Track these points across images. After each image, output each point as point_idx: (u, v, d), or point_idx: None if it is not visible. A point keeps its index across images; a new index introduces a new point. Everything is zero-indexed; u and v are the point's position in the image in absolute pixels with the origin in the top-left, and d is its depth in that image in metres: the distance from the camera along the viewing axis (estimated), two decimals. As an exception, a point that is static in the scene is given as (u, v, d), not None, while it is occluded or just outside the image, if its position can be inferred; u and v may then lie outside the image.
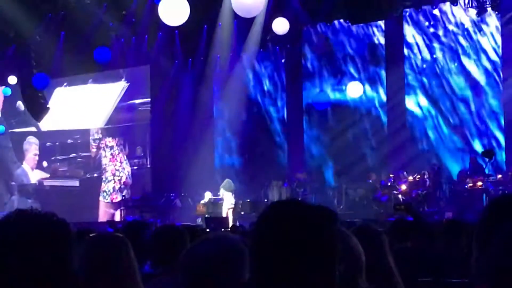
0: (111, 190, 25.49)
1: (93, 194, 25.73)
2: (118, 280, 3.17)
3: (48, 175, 27.47)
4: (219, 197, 21.16)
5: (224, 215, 20.13)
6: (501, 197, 2.42)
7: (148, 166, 25.30)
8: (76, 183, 26.70)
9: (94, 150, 26.40)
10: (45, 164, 27.65)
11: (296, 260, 2.06)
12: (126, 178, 25.38)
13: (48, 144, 27.53)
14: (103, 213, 25.22)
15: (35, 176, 27.79)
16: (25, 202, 25.53)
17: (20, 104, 27.08)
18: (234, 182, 21.71)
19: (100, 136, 26.26)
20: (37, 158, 27.88)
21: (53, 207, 19.41)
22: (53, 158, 27.50)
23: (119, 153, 25.84)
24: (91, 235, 3.54)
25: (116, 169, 25.65)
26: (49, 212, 2.21)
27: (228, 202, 20.72)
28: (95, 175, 26.35)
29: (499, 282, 1.67)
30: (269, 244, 2.11)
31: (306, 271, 2.07)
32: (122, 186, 25.28)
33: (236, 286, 2.55)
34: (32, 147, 27.94)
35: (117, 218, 23.20)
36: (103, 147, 26.14)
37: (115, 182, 25.53)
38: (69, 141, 27.02)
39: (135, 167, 25.56)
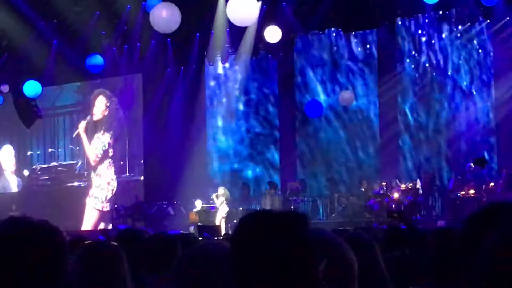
0: (103, 198, 25.42)
1: (78, 202, 25.67)
2: (111, 289, 3.17)
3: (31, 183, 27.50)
4: (213, 205, 21.16)
5: (217, 223, 20.13)
6: (486, 207, 2.43)
7: (141, 174, 25.26)
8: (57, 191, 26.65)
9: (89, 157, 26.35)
10: (26, 172, 27.66)
11: (274, 269, 2.07)
12: (117, 188, 25.38)
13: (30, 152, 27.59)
14: (93, 221, 25.15)
15: (16, 184, 27.81)
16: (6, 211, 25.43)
17: None
18: (227, 191, 21.73)
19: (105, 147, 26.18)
20: (14, 166, 27.91)
21: (37, 215, 19.32)
22: (34, 166, 27.51)
23: (114, 162, 25.80)
24: (86, 242, 3.53)
25: (111, 178, 25.59)
26: (42, 219, 2.21)
27: (222, 211, 20.75)
28: (79, 183, 26.31)
29: None
30: (246, 257, 2.12)
31: (286, 278, 2.07)
32: (113, 196, 25.24)
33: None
34: (10, 155, 27.98)
35: (108, 226, 23.13)
36: (97, 154, 26.07)
37: (108, 190, 25.46)
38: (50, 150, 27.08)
39: (128, 175, 25.52)
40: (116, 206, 23.23)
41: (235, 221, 21.03)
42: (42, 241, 2.09)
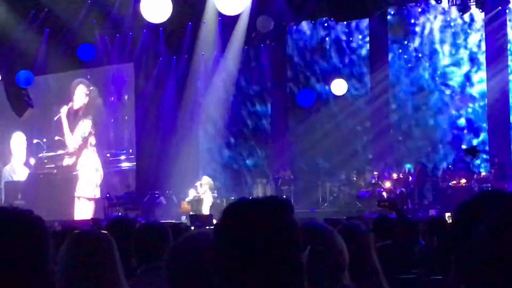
0: (93, 186, 25.45)
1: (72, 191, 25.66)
2: (101, 278, 3.17)
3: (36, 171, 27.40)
4: (199, 195, 21.17)
5: (204, 212, 20.15)
6: (477, 195, 2.44)
7: (133, 163, 25.24)
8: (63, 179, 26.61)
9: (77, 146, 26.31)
10: (32, 161, 27.58)
11: (256, 255, 2.07)
12: (108, 177, 25.40)
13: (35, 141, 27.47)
14: (85, 211, 25.14)
15: (22, 172, 27.71)
16: (12, 200, 25.38)
17: None
18: (219, 181, 21.75)
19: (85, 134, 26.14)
20: (24, 154, 27.82)
21: (40, 205, 19.46)
22: (40, 155, 27.42)
23: (102, 150, 25.80)
24: (75, 232, 3.52)
25: (97, 166, 25.60)
26: (26, 209, 2.20)
27: (208, 200, 20.79)
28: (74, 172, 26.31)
29: (476, 280, 1.68)
30: (228, 245, 2.12)
31: (268, 265, 2.08)
32: (102, 183, 25.27)
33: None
34: (21, 143, 27.84)
35: (99, 216, 23.13)
36: (88, 144, 26.04)
37: (95, 177, 25.50)
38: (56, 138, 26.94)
39: (120, 165, 25.53)
40: (107, 195, 23.19)
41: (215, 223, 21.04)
42: (19, 231, 2.08)
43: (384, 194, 19.54)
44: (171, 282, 2.76)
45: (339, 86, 21.61)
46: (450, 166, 20.35)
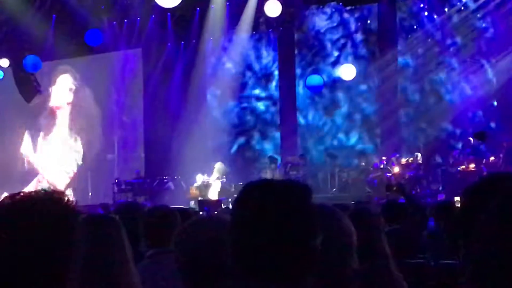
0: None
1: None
2: (109, 261, 3.17)
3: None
4: (208, 180, 21.20)
5: (211, 198, 20.18)
6: (485, 178, 2.43)
7: (141, 149, 25.29)
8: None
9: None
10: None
11: (274, 240, 2.06)
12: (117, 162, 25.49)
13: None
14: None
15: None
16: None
17: None
18: (227, 165, 21.76)
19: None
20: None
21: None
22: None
23: (110, 135, 25.86)
24: (83, 215, 3.52)
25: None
26: (58, 192, 2.13)
27: (216, 185, 20.83)
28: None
29: (483, 268, 1.67)
30: (246, 226, 2.11)
31: (286, 250, 2.07)
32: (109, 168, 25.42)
33: (228, 264, 2.55)
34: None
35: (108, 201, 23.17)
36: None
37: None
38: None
39: (128, 151, 25.57)
40: (116, 180, 23.23)
41: (235, 196, 21.08)
42: (50, 216, 2.03)
43: (393, 179, 19.51)
44: (180, 265, 2.77)
45: (347, 71, 21.55)
46: (459, 151, 20.28)
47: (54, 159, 26.74)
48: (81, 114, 26.62)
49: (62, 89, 26.88)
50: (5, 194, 2.15)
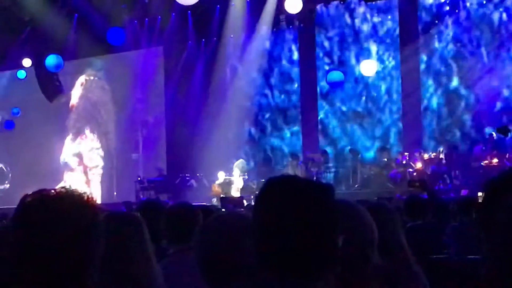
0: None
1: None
2: (132, 258, 3.18)
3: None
4: (230, 177, 21.23)
5: (233, 195, 20.20)
6: (506, 171, 2.41)
7: (163, 146, 25.37)
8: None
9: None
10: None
11: (296, 235, 2.06)
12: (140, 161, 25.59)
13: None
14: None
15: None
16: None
17: None
18: (249, 163, 21.78)
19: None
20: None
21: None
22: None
23: (131, 133, 26.00)
24: (105, 213, 3.54)
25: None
26: (79, 189, 2.15)
27: (238, 183, 20.84)
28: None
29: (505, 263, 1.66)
30: (268, 221, 2.11)
31: (307, 246, 2.06)
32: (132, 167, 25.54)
33: (249, 261, 2.56)
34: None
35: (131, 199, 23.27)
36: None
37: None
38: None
39: (152, 149, 25.67)
40: (139, 178, 23.31)
41: (257, 193, 21.07)
42: (70, 217, 2.04)
43: (415, 174, 19.43)
44: (201, 262, 2.77)
45: (368, 67, 21.47)
46: (482, 146, 20.15)
47: (80, 158, 26.90)
48: (105, 113, 26.76)
49: (85, 89, 27.03)
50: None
